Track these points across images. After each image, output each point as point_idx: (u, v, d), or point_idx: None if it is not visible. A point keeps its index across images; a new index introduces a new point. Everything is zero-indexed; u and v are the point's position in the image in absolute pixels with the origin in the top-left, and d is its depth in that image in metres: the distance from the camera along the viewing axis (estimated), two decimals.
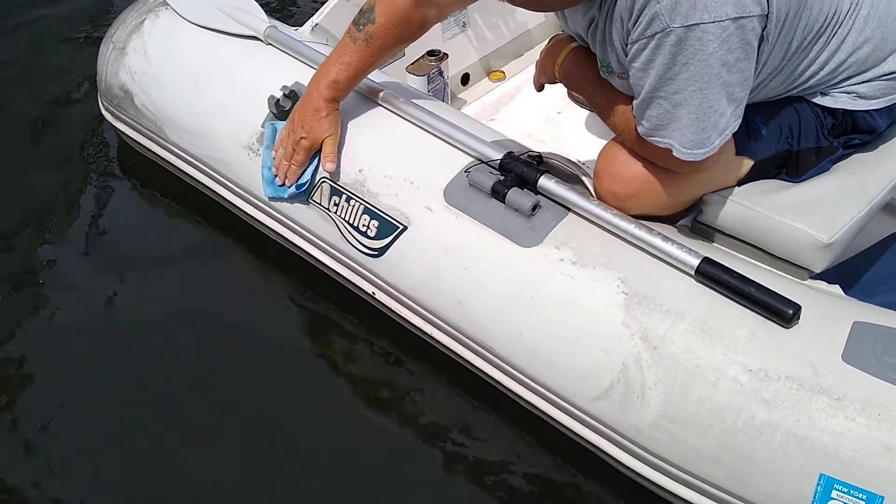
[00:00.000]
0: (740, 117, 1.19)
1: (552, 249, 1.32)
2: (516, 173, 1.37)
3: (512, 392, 1.40)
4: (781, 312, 1.16)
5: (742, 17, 1.09)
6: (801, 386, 1.12)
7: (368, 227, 1.46)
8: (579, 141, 1.93)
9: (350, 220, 1.48)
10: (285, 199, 1.55)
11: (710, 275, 1.21)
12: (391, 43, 1.45)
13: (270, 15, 1.77)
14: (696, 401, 1.17)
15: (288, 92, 1.56)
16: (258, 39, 1.70)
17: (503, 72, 2.22)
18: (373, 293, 1.53)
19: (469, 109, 2.15)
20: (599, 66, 1.33)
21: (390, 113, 1.53)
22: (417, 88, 1.90)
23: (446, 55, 1.98)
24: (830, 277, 1.50)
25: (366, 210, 1.46)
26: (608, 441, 1.28)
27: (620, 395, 1.23)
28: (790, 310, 1.15)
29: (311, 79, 1.48)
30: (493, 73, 2.23)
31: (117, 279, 1.79)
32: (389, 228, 1.44)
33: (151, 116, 1.78)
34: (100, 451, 1.48)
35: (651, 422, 1.20)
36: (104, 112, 1.95)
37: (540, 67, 1.49)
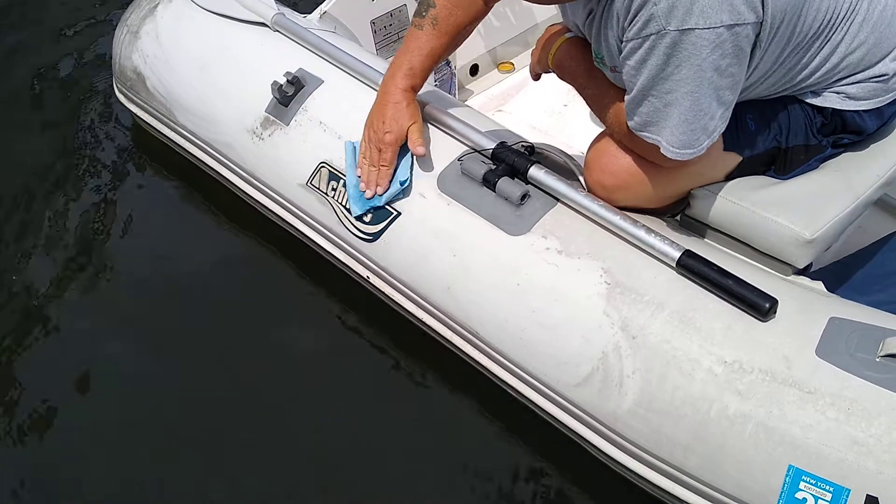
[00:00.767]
0: (728, 119, 1.21)
1: (539, 238, 1.34)
2: (507, 163, 1.40)
3: (498, 378, 1.43)
4: (757, 306, 1.17)
5: (737, 25, 1.10)
6: (774, 378, 1.14)
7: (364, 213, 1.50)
8: (584, 134, 1.91)
9: (347, 205, 1.52)
10: (381, 206, 1.46)
11: (691, 267, 1.23)
12: (458, 23, 1.43)
13: (281, 2, 1.81)
14: (672, 390, 1.19)
15: (291, 78, 1.60)
16: (266, 26, 1.74)
17: (512, 63, 2.24)
18: (368, 277, 1.56)
19: (476, 100, 2.18)
20: (594, 57, 1.34)
21: None
22: None
23: None
24: (825, 275, 1.52)
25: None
26: (587, 428, 1.31)
27: (599, 383, 1.25)
28: (766, 303, 1.17)
29: (383, 80, 1.46)
30: (502, 65, 2.25)
31: (119, 254, 1.87)
32: (384, 214, 1.47)
33: (162, 99, 1.83)
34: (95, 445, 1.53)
35: (628, 409, 1.23)
36: (118, 94, 2.00)
37: (535, 56, 1.50)
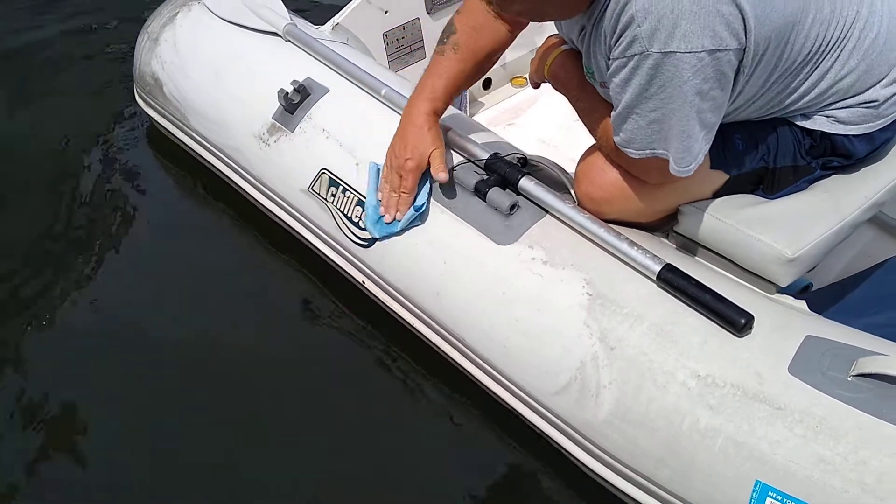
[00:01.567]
0: (711, 141, 1.22)
1: (525, 248, 1.36)
2: (499, 173, 1.43)
3: (483, 385, 1.45)
4: (733, 321, 1.18)
5: (719, 50, 1.10)
6: (745, 394, 1.14)
7: (361, 219, 1.53)
8: None
9: (345, 211, 1.56)
10: (397, 232, 1.46)
11: (670, 281, 1.24)
12: (479, 48, 1.44)
13: (300, 12, 1.86)
14: (646, 402, 1.20)
15: (297, 86, 1.65)
16: (278, 35, 1.79)
17: (525, 78, 2.27)
18: (363, 282, 1.60)
19: (488, 113, 2.21)
20: (585, 72, 1.37)
21: (390, 110, 1.59)
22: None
23: None
24: (823, 296, 1.52)
25: (359, 202, 1.53)
26: (565, 436, 1.32)
27: (577, 392, 1.27)
28: (742, 319, 1.18)
29: (406, 105, 1.46)
30: (516, 79, 2.28)
31: (130, 254, 1.92)
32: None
33: (177, 104, 1.89)
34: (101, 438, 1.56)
35: (603, 419, 1.24)
36: (138, 99, 2.07)
37: (534, 66, 1.53)
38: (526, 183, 1.40)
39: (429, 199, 1.45)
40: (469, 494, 1.46)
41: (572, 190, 1.43)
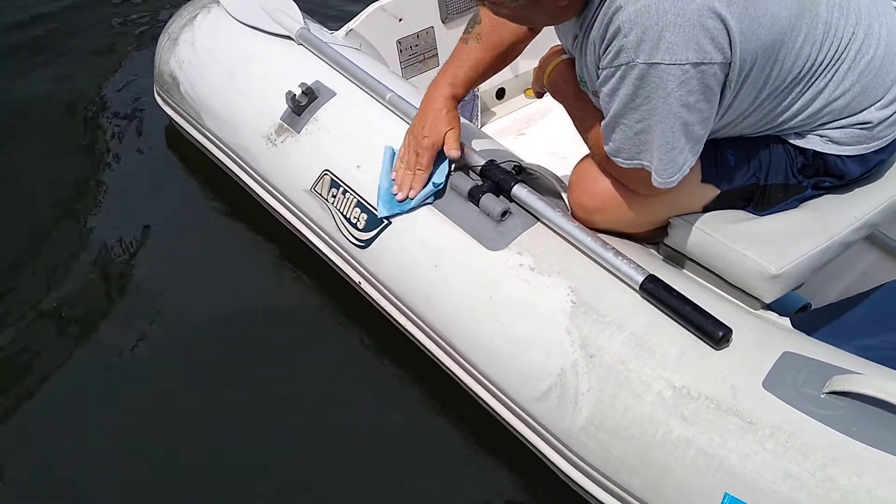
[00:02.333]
0: (698, 153, 1.23)
1: (514, 254, 1.38)
2: (493, 180, 1.45)
3: (471, 390, 1.46)
4: (711, 333, 1.19)
5: (703, 63, 1.11)
6: (719, 406, 1.15)
7: (358, 220, 1.56)
8: None
9: (344, 212, 1.59)
10: (407, 211, 1.49)
11: (652, 291, 1.25)
12: (502, 40, 1.50)
13: (317, 17, 1.90)
14: (622, 410, 1.21)
15: (305, 89, 1.68)
16: (291, 39, 1.83)
17: None
18: (359, 282, 1.63)
19: (499, 123, 2.24)
20: (578, 80, 1.38)
21: (393, 115, 1.62)
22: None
23: None
24: (820, 316, 1.52)
25: (358, 203, 1.56)
26: (544, 442, 1.33)
27: (556, 399, 1.28)
28: (720, 332, 1.18)
29: (427, 89, 1.52)
30: (529, 90, 2.30)
31: (137, 247, 1.98)
32: (376, 222, 1.53)
33: (192, 103, 1.94)
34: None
35: (581, 427, 1.25)
36: (157, 97, 2.12)
37: (535, 75, 1.55)
38: (519, 190, 1.42)
39: (447, 179, 1.49)
40: (449, 497, 1.47)
41: (566, 199, 1.45)
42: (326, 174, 1.62)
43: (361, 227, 1.55)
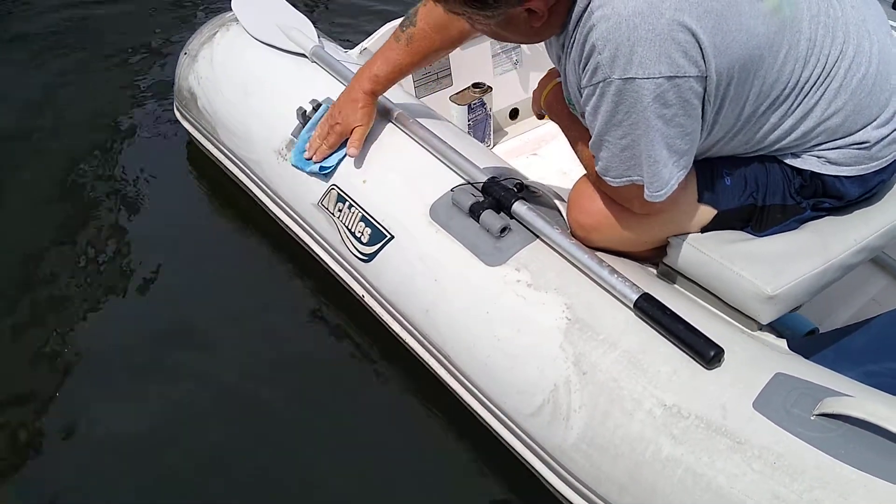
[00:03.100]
0: (687, 168, 1.23)
1: (512, 270, 1.39)
2: (494, 197, 1.46)
3: (468, 404, 1.47)
4: (703, 353, 1.19)
5: (677, 77, 1.12)
6: (708, 426, 1.14)
7: (363, 234, 1.58)
8: None
9: (349, 226, 1.61)
10: (305, 172, 1.67)
11: (646, 310, 1.25)
12: (431, 46, 1.57)
13: (332, 36, 1.94)
14: (613, 428, 1.21)
15: (316, 105, 1.71)
16: (305, 57, 1.87)
17: None
18: (363, 296, 1.64)
19: (512, 143, 2.25)
20: (567, 102, 1.39)
21: (400, 131, 1.65)
22: (455, 116, 2.03)
23: (490, 88, 2.09)
24: (824, 341, 1.51)
25: (362, 217, 1.58)
26: (537, 458, 1.34)
27: (549, 415, 1.28)
28: (711, 351, 1.18)
29: (353, 77, 1.64)
30: None
31: (153, 259, 2.02)
32: (379, 236, 1.55)
33: (208, 118, 1.98)
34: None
35: (572, 443, 1.25)
36: (176, 112, 2.17)
37: (534, 96, 1.56)
38: (519, 207, 1.43)
39: (336, 165, 1.64)
40: None
41: (566, 217, 1.46)
42: (334, 189, 1.64)
43: (365, 241, 1.57)
